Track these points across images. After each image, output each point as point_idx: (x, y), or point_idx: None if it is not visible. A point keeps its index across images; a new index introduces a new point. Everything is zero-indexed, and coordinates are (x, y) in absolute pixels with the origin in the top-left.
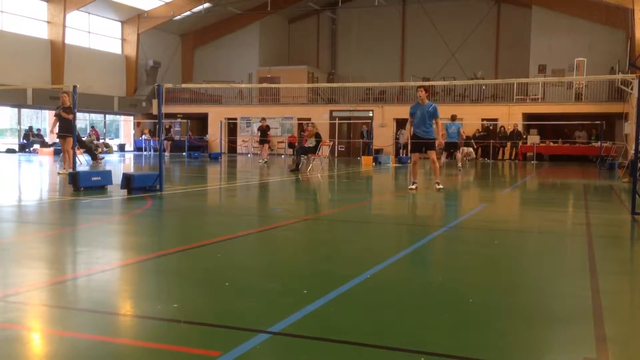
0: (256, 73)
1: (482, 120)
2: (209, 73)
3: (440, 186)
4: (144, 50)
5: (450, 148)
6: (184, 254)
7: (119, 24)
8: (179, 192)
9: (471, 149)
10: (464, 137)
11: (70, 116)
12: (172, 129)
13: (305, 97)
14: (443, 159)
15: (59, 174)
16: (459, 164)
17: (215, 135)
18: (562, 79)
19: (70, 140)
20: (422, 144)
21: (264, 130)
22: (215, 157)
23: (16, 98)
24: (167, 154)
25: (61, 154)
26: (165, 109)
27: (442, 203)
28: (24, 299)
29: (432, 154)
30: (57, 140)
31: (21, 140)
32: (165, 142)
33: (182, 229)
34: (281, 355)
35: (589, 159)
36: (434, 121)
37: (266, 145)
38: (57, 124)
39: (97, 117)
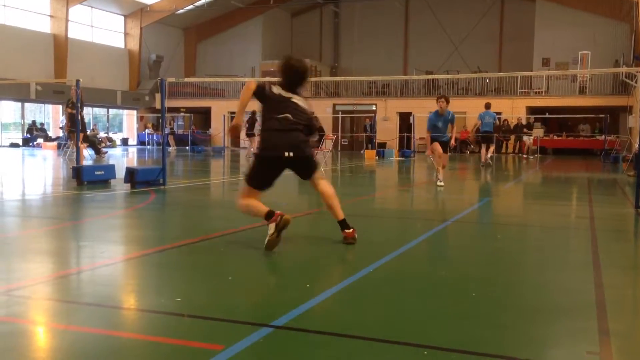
0: (259, 67)
1: None
2: (212, 67)
3: (441, 183)
4: (147, 44)
5: (487, 140)
6: (187, 247)
7: (122, 17)
8: (183, 186)
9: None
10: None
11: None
12: (174, 123)
13: (308, 90)
14: (484, 152)
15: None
16: (484, 159)
17: (218, 130)
18: (566, 72)
19: (83, 135)
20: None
21: (252, 123)
22: (218, 151)
23: (19, 92)
24: (172, 148)
25: (64, 148)
26: (168, 103)
27: (445, 197)
28: (27, 293)
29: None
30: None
31: (24, 135)
32: (169, 136)
33: (185, 223)
34: (284, 349)
35: (593, 153)
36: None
37: (253, 138)
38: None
39: (100, 111)
